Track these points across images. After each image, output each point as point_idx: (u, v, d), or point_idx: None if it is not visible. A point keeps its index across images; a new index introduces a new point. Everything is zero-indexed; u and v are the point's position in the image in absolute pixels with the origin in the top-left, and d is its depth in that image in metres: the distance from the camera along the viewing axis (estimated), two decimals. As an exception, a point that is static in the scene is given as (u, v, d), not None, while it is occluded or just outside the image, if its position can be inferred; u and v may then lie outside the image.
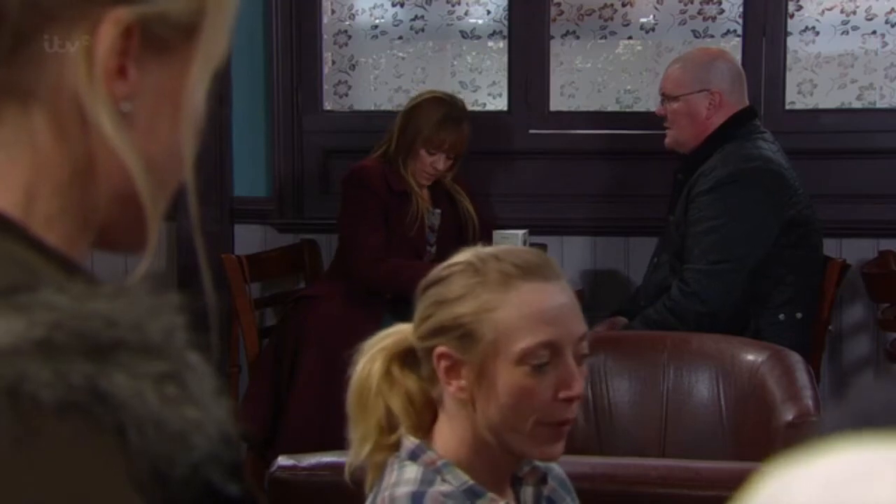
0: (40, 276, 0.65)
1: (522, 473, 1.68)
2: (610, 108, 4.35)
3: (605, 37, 4.33)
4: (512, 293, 1.57)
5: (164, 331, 0.64)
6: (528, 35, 4.28)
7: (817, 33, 4.20)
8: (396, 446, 1.63)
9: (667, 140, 3.64)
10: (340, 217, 3.84)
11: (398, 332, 1.66)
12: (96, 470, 0.60)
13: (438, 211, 3.87)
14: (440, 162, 3.77)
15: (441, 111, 3.75)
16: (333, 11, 4.44)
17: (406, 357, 1.64)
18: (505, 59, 4.35)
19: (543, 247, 4.00)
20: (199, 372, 0.65)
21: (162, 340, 0.64)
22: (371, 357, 1.64)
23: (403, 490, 1.57)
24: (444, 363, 1.59)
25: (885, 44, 4.19)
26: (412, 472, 1.59)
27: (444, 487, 1.58)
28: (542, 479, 1.70)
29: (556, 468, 1.74)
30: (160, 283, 0.67)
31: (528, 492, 1.69)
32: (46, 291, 0.62)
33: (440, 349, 1.58)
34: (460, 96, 3.97)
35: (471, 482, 1.59)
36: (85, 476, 0.59)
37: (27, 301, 0.61)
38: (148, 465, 0.61)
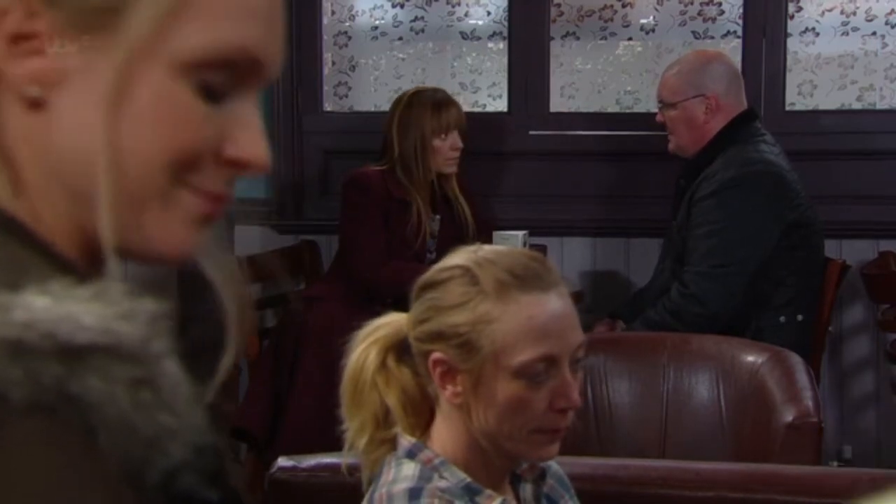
0: (29, 275, 0.65)
1: (521, 470, 1.68)
2: (610, 110, 4.35)
3: (605, 38, 4.33)
4: (511, 305, 1.56)
5: (140, 336, 0.63)
6: (528, 36, 4.28)
7: (817, 34, 4.20)
8: (393, 442, 1.62)
9: (670, 146, 3.64)
10: (341, 220, 3.83)
11: (394, 322, 1.64)
12: (61, 468, 0.60)
13: (438, 217, 3.86)
14: (457, 139, 3.78)
15: (429, 98, 3.77)
16: (333, 12, 4.44)
17: (401, 348, 1.63)
18: (505, 60, 4.35)
19: (543, 248, 4.00)
20: (175, 379, 0.65)
21: (137, 345, 0.63)
22: (366, 347, 1.63)
23: (401, 486, 1.57)
24: (439, 369, 1.58)
25: (885, 45, 4.19)
26: (410, 469, 1.59)
27: (442, 483, 1.58)
28: (541, 475, 1.70)
29: (554, 465, 1.74)
30: (154, 287, 0.67)
31: (527, 489, 1.69)
32: (28, 292, 0.62)
33: (436, 355, 1.58)
34: (460, 98, 3.98)
35: (468, 479, 1.59)
36: (49, 473, 0.59)
37: (6, 301, 0.61)
38: (119, 468, 0.61)
